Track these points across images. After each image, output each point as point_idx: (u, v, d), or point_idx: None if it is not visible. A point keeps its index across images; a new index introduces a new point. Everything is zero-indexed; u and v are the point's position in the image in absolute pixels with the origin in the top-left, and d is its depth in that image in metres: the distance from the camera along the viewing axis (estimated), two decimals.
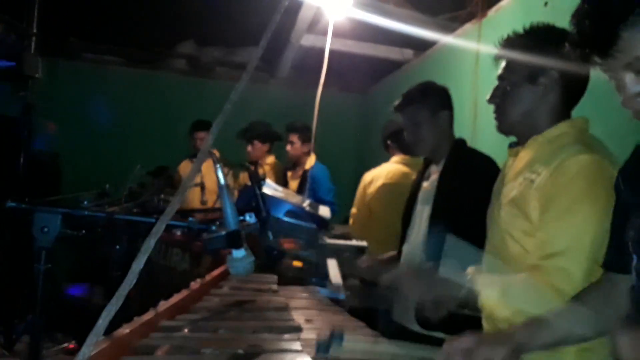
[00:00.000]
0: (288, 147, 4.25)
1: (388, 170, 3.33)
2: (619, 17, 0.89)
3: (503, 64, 1.55)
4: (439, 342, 1.36)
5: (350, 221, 3.45)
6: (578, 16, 0.95)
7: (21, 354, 3.28)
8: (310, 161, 4.22)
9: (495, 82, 1.58)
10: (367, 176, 3.38)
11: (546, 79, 1.45)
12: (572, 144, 1.38)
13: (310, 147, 4.23)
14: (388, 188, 3.23)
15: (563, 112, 1.49)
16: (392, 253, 2.44)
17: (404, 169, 3.31)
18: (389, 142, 3.48)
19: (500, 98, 1.53)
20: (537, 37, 1.49)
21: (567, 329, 1.16)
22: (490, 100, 1.56)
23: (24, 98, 3.93)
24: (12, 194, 1.15)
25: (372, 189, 3.29)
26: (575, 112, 1.52)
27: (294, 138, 4.23)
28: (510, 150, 1.61)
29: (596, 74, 2.46)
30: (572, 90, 1.48)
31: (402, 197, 3.18)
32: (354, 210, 3.42)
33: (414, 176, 3.21)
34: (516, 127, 1.53)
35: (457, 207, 2.08)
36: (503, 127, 1.56)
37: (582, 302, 1.18)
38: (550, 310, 1.19)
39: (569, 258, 1.26)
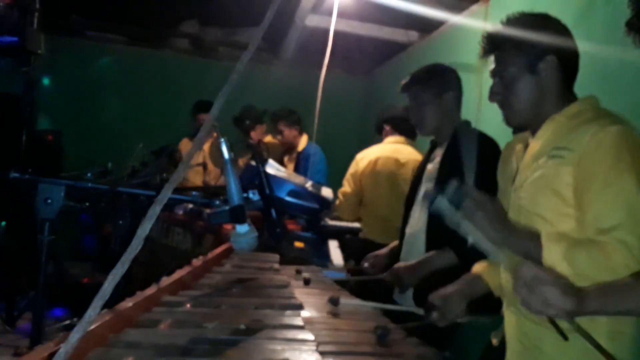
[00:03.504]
0: (279, 137, 4.26)
1: (382, 148, 3.37)
2: None
3: (493, 58, 1.49)
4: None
5: (337, 202, 3.42)
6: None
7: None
8: (303, 142, 4.23)
9: None
10: (359, 155, 3.41)
11: (544, 64, 1.43)
12: (595, 119, 1.35)
13: (299, 129, 4.24)
14: (381, 162, 3.25)
15: (567, 93, 1.47)
16: (395, 243, 2.45)
17: (396, 146, 3.34)
18: (386, 125, 3.48)
19: (502, 94, 1.49)
20: (524, 25, 1.44)
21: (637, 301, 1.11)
22: (492, 98, 1.52)
23: (27, 74, 3.91)
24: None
25: (364, 163, 3.30)
26: (584, 94, 1.49)
27: (281, 126, 4.25)
28: (516, 135, 1.58)
29: (604, 56, 2.42)
30: (570, 69, 1.46)
31: (393, 174, 3.21)
32: (345, 189, 3.39)
33: (405, 156, 3.23)
34: (526, 119, 1.49)
35: None
36: (513, 122, 1.52)
37: None
38: (620, 279, 1.14)
39: (627, 230, 1.22)
